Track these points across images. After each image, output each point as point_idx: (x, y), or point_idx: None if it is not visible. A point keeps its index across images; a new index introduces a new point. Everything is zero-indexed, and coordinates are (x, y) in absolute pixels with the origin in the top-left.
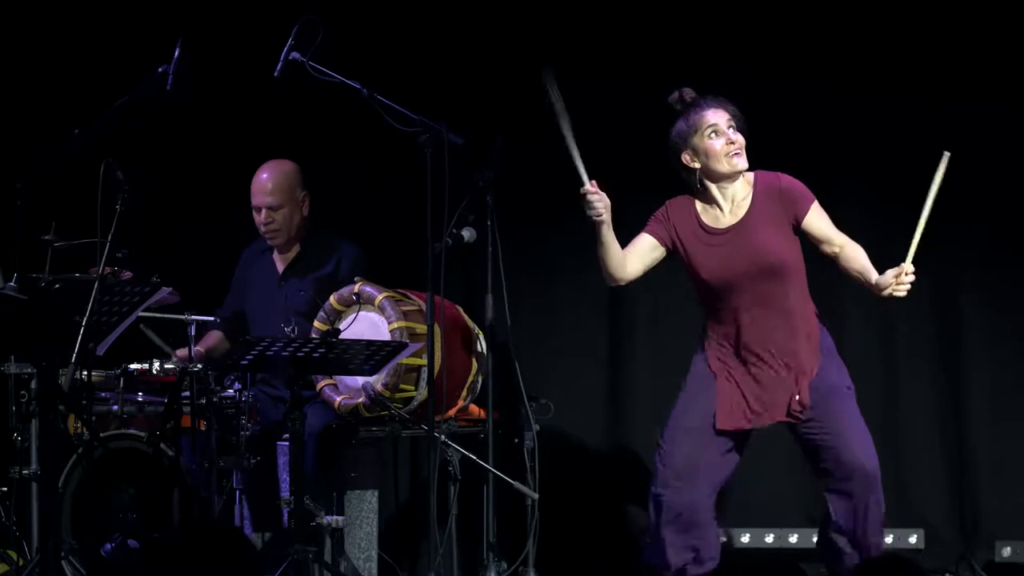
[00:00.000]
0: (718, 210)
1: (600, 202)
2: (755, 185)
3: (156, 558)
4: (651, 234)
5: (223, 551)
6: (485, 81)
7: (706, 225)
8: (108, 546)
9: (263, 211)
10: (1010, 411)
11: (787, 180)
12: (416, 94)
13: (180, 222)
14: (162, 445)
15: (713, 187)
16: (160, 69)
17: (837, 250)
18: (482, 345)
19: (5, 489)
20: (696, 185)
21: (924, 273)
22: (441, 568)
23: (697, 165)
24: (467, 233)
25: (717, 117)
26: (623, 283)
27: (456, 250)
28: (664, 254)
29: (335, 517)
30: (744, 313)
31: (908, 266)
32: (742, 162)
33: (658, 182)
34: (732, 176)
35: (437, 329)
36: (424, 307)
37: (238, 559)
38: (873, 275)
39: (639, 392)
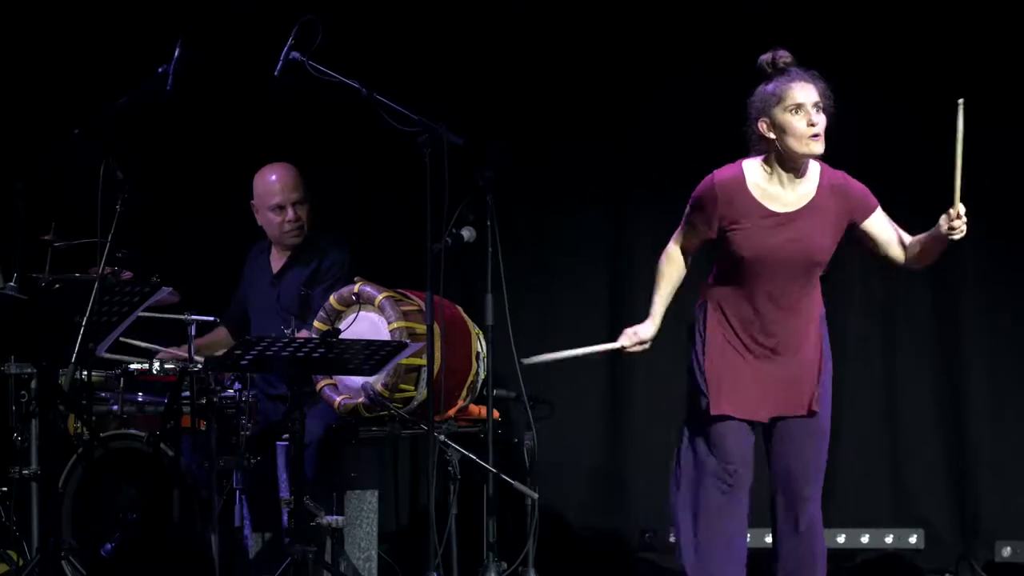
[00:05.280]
0: (779, 188)
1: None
2: (821, 177)
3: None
4: (697, 235)
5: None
6: (485, 81)
7: (764, 205)
8: (108, 546)
9: (289, 208)
10: (1010, 411)
11: (854, 181)
12: (416, 94)
13: (180, 222)
14: (162, 445)
15: (780, 165)
16: (160, 69)
17: (900, 252)
18: (482, 345)
19: (5, 489)
20: (764, 154)
21: (924, 273)
22: (441, 568)
23: (772, 136)
24: (467, 233)
25: (804, 94)
26: None
27: (456, 250)
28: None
29: (335, 517)
30: (765, 297)
31: (959, 207)
32: (819, 147)
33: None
34: (804, 158)
35: (437, 329)
36: (424, 307)
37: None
38: (927, 235)
39: (639, 392)
